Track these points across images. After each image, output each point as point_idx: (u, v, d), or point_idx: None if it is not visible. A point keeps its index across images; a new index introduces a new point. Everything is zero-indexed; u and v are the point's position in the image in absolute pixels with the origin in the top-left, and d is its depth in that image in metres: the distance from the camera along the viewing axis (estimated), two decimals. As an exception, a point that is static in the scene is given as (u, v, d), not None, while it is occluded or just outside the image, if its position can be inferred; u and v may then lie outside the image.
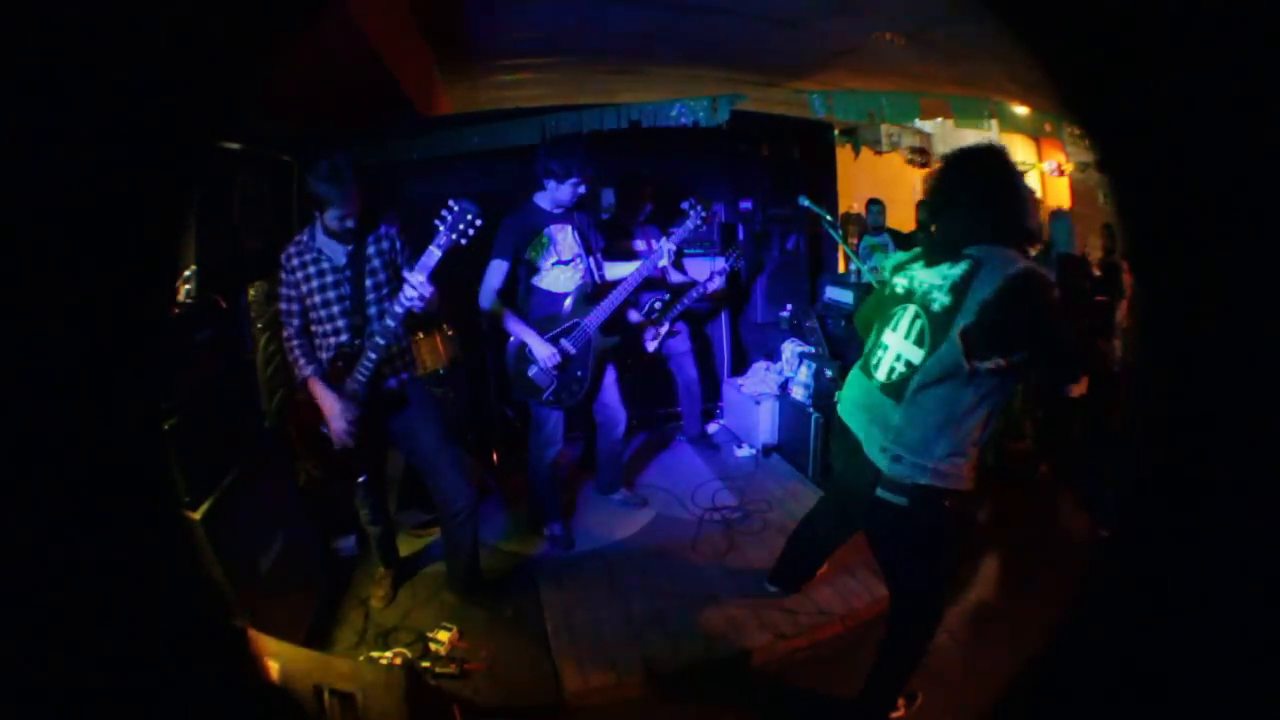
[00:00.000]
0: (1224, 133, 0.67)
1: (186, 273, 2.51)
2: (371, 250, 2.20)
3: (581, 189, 2.71)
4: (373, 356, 2.11)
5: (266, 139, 3.16)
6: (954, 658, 2.28)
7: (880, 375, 1.83)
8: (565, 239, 2.77)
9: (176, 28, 0.73)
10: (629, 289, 2.78)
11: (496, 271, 2.70)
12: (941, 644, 2.28)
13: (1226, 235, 0.69)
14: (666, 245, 2.81)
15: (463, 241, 2.01)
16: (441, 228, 2.00)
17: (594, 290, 2.83)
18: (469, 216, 1.99)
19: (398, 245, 2.24)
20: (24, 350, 0.70)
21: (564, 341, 2.75)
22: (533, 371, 2.76)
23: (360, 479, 2.42)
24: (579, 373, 2.79)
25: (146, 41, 0.71)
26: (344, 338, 2.19)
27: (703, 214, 2.82)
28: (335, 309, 2.18)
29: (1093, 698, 0.83)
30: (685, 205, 2.85)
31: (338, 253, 2.18)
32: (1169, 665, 0.76)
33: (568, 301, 2.77)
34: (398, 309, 2.04)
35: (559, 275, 2.78)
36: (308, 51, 2.08)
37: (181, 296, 2.49)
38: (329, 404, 2.16)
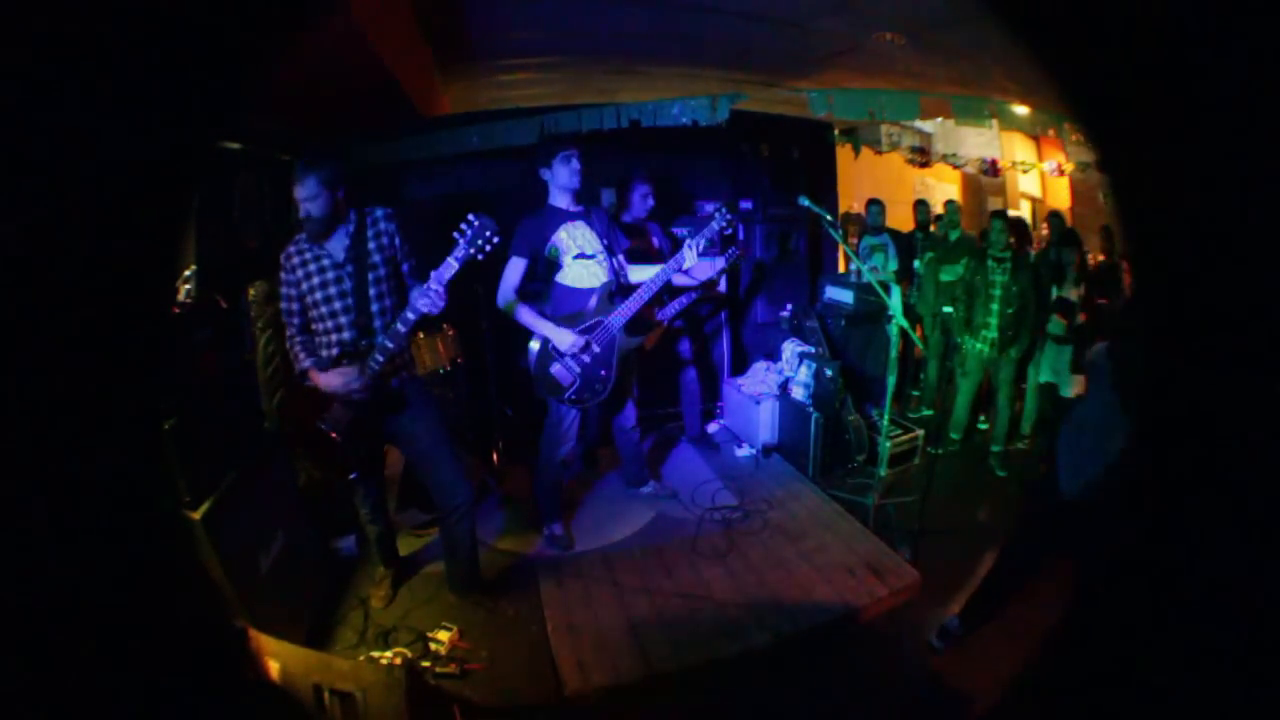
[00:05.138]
0: (1224, 133, 0.67)
1: (186, 273, 2.51)
2: (372, 245, 2.18)
3: (575, 164, 2.70)
4: (380, 359, 2.11)
5: (266, 139, 3.15)
6: (954, 658, 2.28)
7: None
8: (583, 234, 2.77)
9: (178, 27, 0.73)
10: (654, 288, 2.75)
11: (515, 269, 2.69)
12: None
13: (1226, 235, 0.69)
14: (692, 247, 2.73)
15: (479, 257, 2.01)
16: (460, 241, 2.00)
17: (618, 289, 2.81)
18: (488, 233, 1.99)
19: (396, 241, 2.22)
20: (24, 350, 0.70)
21: (587, 339, 2.74)
22: (555, 369, 2.74)
23: (352, 475, 2.42)
24: (602, 371, 2.77)
25: (147, 41, 0.71)
26: (347, 335, 2.17)
27: (728, 217, 2.76)
28: (336, 305, 2.16)
29: (1092, 697, 0.83)
30: (710, 208, 2.82)
31: (337, 249, 2.17)
32: (1168, 665, 0.76)
33: (592, 300, 2.75)
34: (410, 315, 2.05)
35: (582, 271, 2.76)
36: (308, 51, 2.08)
37: (181, 296, 2.49)
38: (335, 380, 2.13)
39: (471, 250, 1.99)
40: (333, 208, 2.10)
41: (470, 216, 2.00)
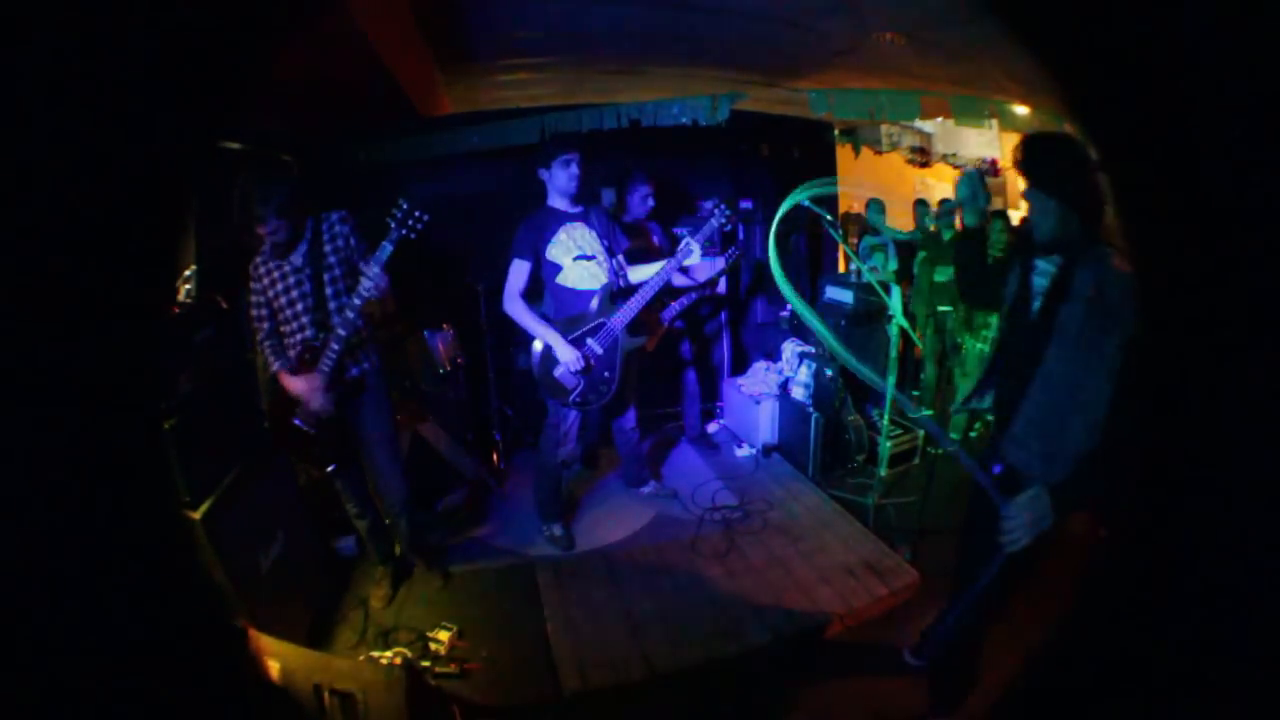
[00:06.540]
0: (1224, 133, 0.67)
1: (186, 273, 2.52)
2: (328, 248, 2.30)
3: (574, 169, 2.69)
4: (335, 347, 2.23)
5: (266, 139, 3.16)
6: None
7: None
8: (583, 235, 2.76)
9: (177, 26, 0.73)
10: (655, 287, 2.75)
11: (518, 272, 2.69)
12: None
13: (1226, 235, 0.69)
14: (692, 245, 2.72)
15: (411, 236, 2.18)
16: (392, 224, 2.17)
17: (619, 290, 2.81)
18: (416, 214, 2.17)
19: (352, 242, 2.33)
20: (24, 350, 0.70)
21: (590, 342, 2.73)
22: (559, 372, 2.74)
23: (330, 468, 2.47)
24: (606, 374, 2.77)
25: (147, 40, 0.71)
26: (309, 332, 2.29)
27: (727, 213, 2.75)
28: (299, 306, 2.28)
29: (1092, 697, 0.83)
30: (709, 205, 2.81)
31: (296, 256, 2.29)
32: (1168, 664, 0.76)
33: (594, 301, 2.75)
34: (356, 300, 2.18)
35: (583, 272, 2.75)
36: (308, 51, 2.08)
37: (181, 296, 2.50)
38: (300, 386, 2.26)
39: (403, 231, 2.17)
40: (292, 231, 2.23)
41: (400, 201, 2.18)
